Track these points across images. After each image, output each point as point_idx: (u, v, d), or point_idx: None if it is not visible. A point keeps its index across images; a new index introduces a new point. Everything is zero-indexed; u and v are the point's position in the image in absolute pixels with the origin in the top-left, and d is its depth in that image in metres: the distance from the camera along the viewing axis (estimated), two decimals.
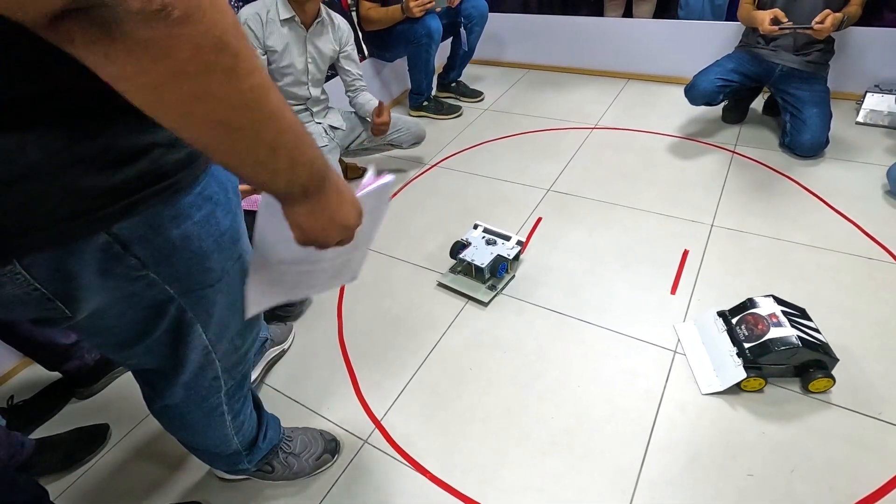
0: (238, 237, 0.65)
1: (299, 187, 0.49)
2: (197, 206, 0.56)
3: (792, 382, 1.20)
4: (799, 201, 1.76)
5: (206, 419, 0.86)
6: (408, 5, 2.13)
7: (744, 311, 1.26)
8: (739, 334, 1.23)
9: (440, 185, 2.12)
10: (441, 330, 1.46)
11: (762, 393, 1.19)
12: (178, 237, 0.55)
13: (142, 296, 0.58)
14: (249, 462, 1.03)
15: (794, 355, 1.15)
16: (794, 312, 1.23)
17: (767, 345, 1.16)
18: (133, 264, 0.53)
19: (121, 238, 0.51)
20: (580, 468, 1.10)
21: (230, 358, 0.79)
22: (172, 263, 0.57)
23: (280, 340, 1.43)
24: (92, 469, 1.23)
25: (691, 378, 1.25)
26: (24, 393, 1.38)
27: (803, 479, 1.04)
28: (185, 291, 0.61)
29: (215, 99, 0.38)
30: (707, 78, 2.01)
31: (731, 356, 1.22)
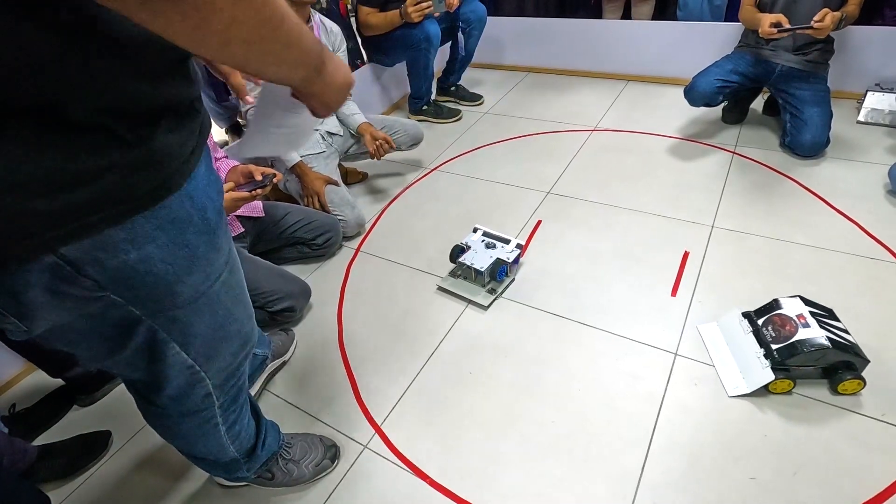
0: (217, 256, 0.63)
1: (313, 70, 0.56)
2: (161, 229, 0.54)
3: (804, 384, 1.19)
4: (800, 201, 1.75)
5: (200, 430, 0.85)
6: (406, 10, 2.14)
7: (770, 311, 1.24)
8: (766, 335, 1.21)
9: (440, 188, 2.12)
10: (441, 334, 1.46)
11: (765, 397, 1.18)
12: (137, 260, 0.53)
13: (105, 315, 0.57)
14: (248, 470, 1.02)
15: (824, 356, 1.13)
16: (822, 313, 1.21)
17: (796, 346, 1.14)
18: (89, 285, 0.52)
19: (70, 260, 0.49)
20: (581, 472, 1.10)
21: (221, 375, 0.78)
22: (133, 286, 0.55)
23: (280, 353, 1.41)
24: (93, 476, 1.23)
25: (692, 381, 1.24)
26: (27, 400, 1.39)
27: (807, 482, 1.03)
28: (152, 313, 0.60)
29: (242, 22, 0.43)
30: (706, 79, 2.01)
31: (758, 358, 1.19)
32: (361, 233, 1.90)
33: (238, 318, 0.74)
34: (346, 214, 1.82)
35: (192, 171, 0.57)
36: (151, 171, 0.51)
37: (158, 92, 0.49)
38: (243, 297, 0.76)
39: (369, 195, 2.14)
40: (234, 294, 0.72)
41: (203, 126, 0.59)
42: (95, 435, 1.28)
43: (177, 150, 0.53)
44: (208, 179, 0.61)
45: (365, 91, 2.59)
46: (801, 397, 1.17)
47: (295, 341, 1.48)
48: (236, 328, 0.74)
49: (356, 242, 1.87)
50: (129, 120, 0.47)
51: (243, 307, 0.76)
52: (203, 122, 0.59)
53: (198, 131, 0.57)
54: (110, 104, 0.46)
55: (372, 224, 1.96)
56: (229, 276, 0.68)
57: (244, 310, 0.76)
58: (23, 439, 1.21)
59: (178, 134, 0.53)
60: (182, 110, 0.54)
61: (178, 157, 0.53)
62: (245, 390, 0.91)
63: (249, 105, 1.63)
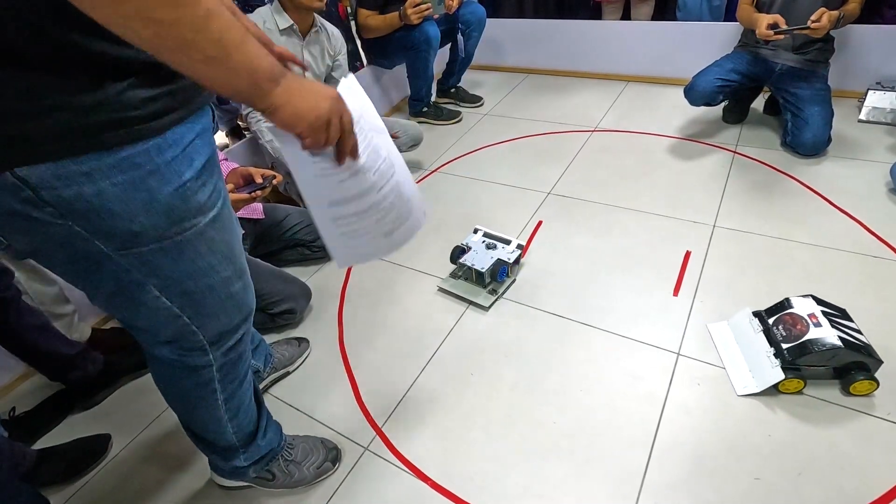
0: (188, 207, 0.66)
1: (264, 79, 0.55)
2: (119, 170, 0.58)
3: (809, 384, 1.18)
4: (802, 200, 1.74)
5: (198, 392, 0.87)
6: (406, 13, 2.14)
7: (781, 311, 1.23)
8: (777, 335, 1.20)
9: (440, 190, 2.12)
10: (442, 335, 1.45)
11: (768, 396, 1.17)
12: (92, 194, 0.58)
13: (75, 246, 0.62)
14: (246, 460, 1.02)
15: (835, 356, 1.12)
16: (835, 313, 1.20)
17: (807, 345, 1.13)
18: (50, 212, 0.58)
19: (28, 182, 0.55)
20: (583, 473, 1.09)
21: (215, 333, 0.80)
22: (90, 219, 0.60)
23: (283, 365, 1.39)
24: (93, 479, 1.22)
25: (695, 380, 1.23)
26: (26, 404, 1.38)
27: (811, 482, 1.02)
28: (116, 249, 0.64)
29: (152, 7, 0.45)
30: (706, 78, 2.01)
31: (768, 357, 1.19)
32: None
33: (225, 276, 0.76)
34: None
35: (167, 130, 0.61)
36: (107, 117, 0.56)
37: (121, 52, 0.54)
38: (232, 258, 0.77)
39: None
40: (220, 251, 0.74)
41: (188, 95, 0.63)
42: (95, 438, 1.27)
43: (141, 105, 0.57)
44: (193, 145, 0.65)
45: (365, 93, 2.58)
46: (805, 397, 1.16)
47: (306, 354, 1.45)
48: (222, 283, 0.76)
49: None
50: (90, 70, 0.54)
51: (234, 269, 0.78)
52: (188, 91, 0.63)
53: (180, 97, 0.62)
54: (71, 56, 0.52)
55: None
56: (213, 232, 0.71)
57: (234, 270, 0.78)
58: (22, 443, 1.21)
59: (144, 91, 0.58)
60: (155, 73, 0.59)
61: (142, 111, 0.58)
62: (246, 364, 0.92)
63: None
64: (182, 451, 1.24)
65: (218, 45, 0.50)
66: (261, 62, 0.54)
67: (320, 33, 1.79)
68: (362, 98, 0.74)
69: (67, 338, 1.34)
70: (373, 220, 0.75)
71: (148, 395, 1.40)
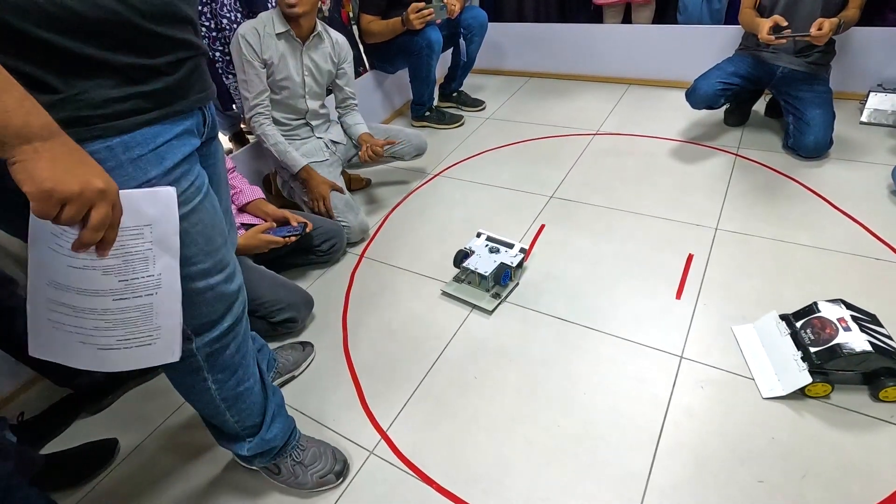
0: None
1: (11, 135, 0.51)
2: None
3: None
4: (804, 203, 1.75)
5: (189, 380, 0.90)
6: (408, 18, 2.16)
7: (809, 314, 1.23)
8: (805, 338, 1.19)
9: (443, 194, 2.13)
10: (445, 339, 1.46)
11: (772, 401, 1.18)
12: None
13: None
14: (250, 451, 1.03)
15: (864, 361, 1.11)
16: (865, 318, 1.19)
17: (835, 349, 1.12)
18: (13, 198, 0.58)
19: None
20: (587, 476, 1.09)
21: (194, 318, 0.81)
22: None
23: (288, 370, 1.40)
24: (100, 485, 1.23)
25: (698, 383, 1.24)
26: (33, 409, 1.39)
27: (816, 485, 1.02)
28: None
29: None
30: (708, 81, 2.01)
31: (795, 360, 1.18)
32: (365, 239, 1.91)
33: (202, 268, 0.78)
34: (350, 221, 1.83)
35: (134, 130, 0.65)
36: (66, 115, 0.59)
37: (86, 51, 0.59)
38: (211, 251, 0.79)
39: (372, 202, 2.15)
40: (196, 244, 0.76)
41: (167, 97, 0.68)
42: (102, 443, 1.28)
43: (104, 104, 0.62)
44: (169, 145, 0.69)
45: (367, 98, 2.60)
46: (810, 401, 1.17)
47: (311, 358, 1.46)
48: (200, 275, 0.78)
49: (360, 248, 1.88)
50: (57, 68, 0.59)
51: (213, 261, 0.80)
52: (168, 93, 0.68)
53: (156, 99, 0.67)
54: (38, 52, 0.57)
55: (375, 230, 1.97)
56: (186, 225, 0.73)
57: (214, 263, 0.80)
58: (31, 447, 1.22)
59: (111, 91, 0.62)
60: (128, 75, 0.64)
61: (105, 110, 0.62)
62: (240, 357, 0.93)
63: None
64: (189, 454, 1.25)
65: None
66: (10, 118, 0.51)
67: (322, 38, 1.80)
68: (167, 213, 0.67)
69: None
70: (90, 326, 0.68)
71: (154, 399, 1.41)
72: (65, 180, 0.54)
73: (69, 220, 0.56)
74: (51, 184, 0.54)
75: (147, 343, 0.72)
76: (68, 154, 0.56)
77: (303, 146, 1.89)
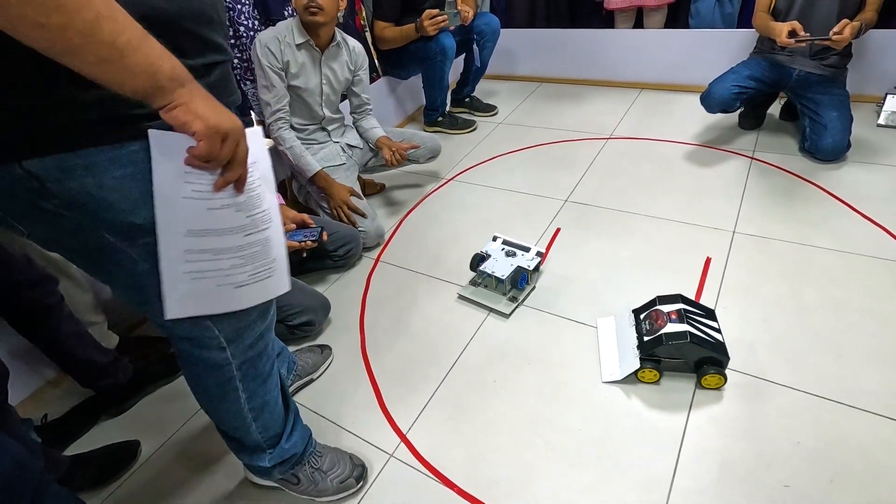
0: None
1: (165, 79, 0.55)
2: (119, 164, 0.61)
3: (829, 390, 1.17)
4: (822, 205, 1.73)
5: (220, 389, 0.89)
6: (422, 24, 2.17)
7: (650, 307, 1.33)
8: (643, 328, 1.30)
9: (457, 198, 2.13)
10: (463, 343, 1.46)
11: (796, 402, 1.17)
12: (94, 186, 0.60)
13: (84, 236, 0.65)
14: (271, 461, 1.03)
15: (682, 349, 1.20)
16: (698, 312, 1.28)
17: (661, 338, 1.22)
18: (56, 203, 0.60)
19: (35, 174, 0.58)
20: (610, 480, 1.09)
21: (231, 329, 0.81)
22: (94, 211, 0.62)
23: (307, 372, 1.41)
24: (122, 487, 1.24)
25: (721, 387, 1.23)
26: (56, 410, 1.41)
27: (843, 489, 1.01)
28: (123, 240, 0.66)
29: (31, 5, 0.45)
30: (723, 85, 2.01)
31: (633, 348, 1.28)
32: (381, 243, 1.92)
33: None
34: (366, 226, 1.84)
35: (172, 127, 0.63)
36: (107, 113, 0.58)
37: None
38: None
39: (388, 206, 2.16)
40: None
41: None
42: (125, 445, 1.29)
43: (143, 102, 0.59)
44: None
45: (380, 103, 2.62)
46: (835, 403, 1.15)
47: (329, 360, 1.47)
48: None
49: (376, 253, 1.89)
50: None
51: None
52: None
53: None
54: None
55: (391, 234, 1.97)
56: None
57: None
58: (53, 449, 1.23)
59: None
60: None
61: (146, 109, 0.59)
62: (269, 363, 0.93)
63: None
64: (209, 456, 1.26)
65: (111, 47, 0.51)
66: (162, 63, 0.55)
67: (341, 47, 1.82)
68: (262, 151, 0.72)
69: (102, 346, 1.37)
70: (227, 266, 0.70)
71: (175, 402, 1.42)
72: (220, 117, 0.59)
73: (227, 154, 0.60)
74: (214, 120, 0.58)
75: (268, 276, 0.75)
76: (208, 95, 0.59)
77: (320, 151, 1.91)
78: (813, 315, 1.36)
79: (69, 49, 0.50)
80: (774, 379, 1.22)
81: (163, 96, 0.56)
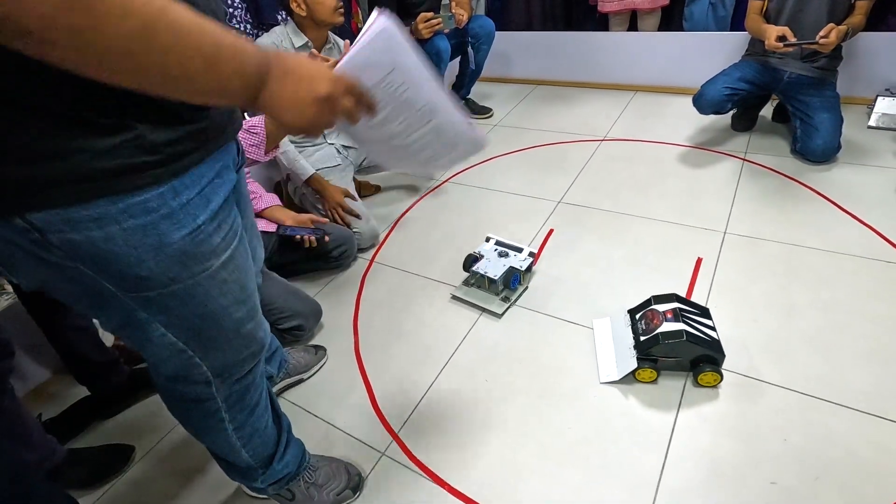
0: (201, 252, 0.65)
1: (254, 77, 0.52)
2: (130, 214, 0.57)
3: (820, 389, 1.19)
4: (813, 206, 1.75)
5: (205, 422, 0.87)
6: (416, 27, 2.19)
7: (645, 307, 1.34)
8: (639, 328, 1.31)
9: (452, 200, 2.15)
10: (456, 342, 1.47)
11: (784, 400, 1.18)
12: (101, 239, 0.56)
13: (84, 283, 0.61)
14: (264, 482, 1.01)
15: (679, 347, 1.21)
16: (693, 311, 1.29)
17: (657, 337, 1.23)
18: (59, 255, 0.57)
19: (37, 227, 0.54)
20: (598, 479, 1.10)
21: (220, 366, 0.79)
22: (98, 262, 0.59)
23: (298, 372, 1.41)
24: (112, 489, 1.24)
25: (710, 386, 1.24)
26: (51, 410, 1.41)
27: (829, 487, 1.02)
28: (123, 290, 0.63)
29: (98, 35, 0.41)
30: (715, 87, 2.03)
31: (629, 348, 1.29)
32: (376, 244, 1.93)
33: (236, 318, 0.75)
34: (361, 227, 1.85)
35: (186, 171, 0.60)
36: (122, 162, 0.54)
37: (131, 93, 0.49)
38: (245, 299, 0.76)
39: (383, 207, 2.17)
40: (232, 293, 0.72)
41: (210, 134, 0.63)
42: (120, 447, 1.29)
43: (160, 148, 0.56)
44: (212, 185, 0.64)
45: None
46: (822, 401, 1.16)
47: (322, 362, 1.47)
48: (233, 324, 0.75)
49: (370, 254, 1.90)
50: (106, 111, 0.52)
51: (246, 309, 0.76)
52: (211, 130, 0.63)
53: (201, 137, 0.61)
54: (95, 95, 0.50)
55: (386, 235, 1.99)
56: (225, 273, 0.69)
57: (247, 311, 0.77)
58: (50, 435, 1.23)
59: (164, 133, 0.56)
60: (177, 114, 0.57)
61: (161, 155, 0.56)
62: (258, 393, 0.91)
63: None
64: (201, 461, 1.26)
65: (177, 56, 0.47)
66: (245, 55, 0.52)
67: (334, 49, 1.84)
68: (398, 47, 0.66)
69: (103, 346, 1.38)
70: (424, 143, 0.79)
71: None
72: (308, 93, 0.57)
73: (348, 106, 0.62)
74: (319, 91, 0.57)
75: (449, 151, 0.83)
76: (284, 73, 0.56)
77: (316, 153, 1.92)
78: (802, 315, 1.37)
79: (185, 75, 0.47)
80: (763, 378, 1.24)
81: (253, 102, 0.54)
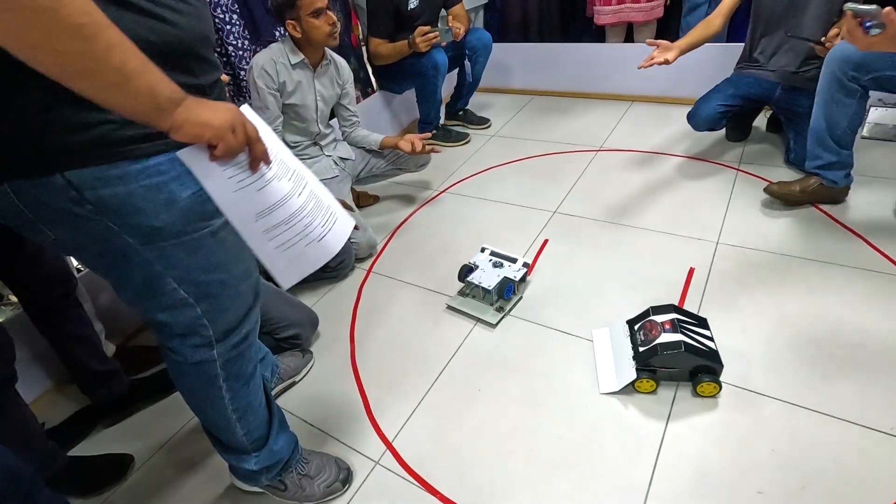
0: (205, 210, 0.75)
1: (165, 101, 0.61)
2: (146, 175, 0.69)
3: (806, 398, 1.20)
4: (805, 217, 1.76)
5: (204, 389, 0.94)
6: (414, 41, 2.23)
7: (644, 318, 1.35)
8: (637, 339, 1.32)
9: (448, 210, 2.17)
10: (450, 352, 1.49)
11: (772, 409, 1.19)
12: (125, 193, 0.69)
13: (107, 240, 0.72)
14: (257, 464, 1.06)
15: (678, 358, 1.22)
16: (691, 321, 1.31)
17: (656, 348, 1.24)
18: (89, 209, 0.68)
19: (73, 183, 0.66)
20: (588, 487, 1.11)
21: (222, 323, 0.87)
22: (121, 215, 0.70)
23: (289, 375, 1.44)
24: (112, 497, 1.27)
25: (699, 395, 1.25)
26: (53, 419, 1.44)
27: (816, 496, 1.03)
28: (143, 242, 0.74)
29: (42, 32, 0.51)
30: (709, 105, 2.05)
31: (629, 359, 1.30)
32: (373, 254, 1.96)
33: (235, 273, 0.85)
34: (359, 237, 1.88)
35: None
36: (136, 132, 0.66)
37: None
38: (243, 257, 0.86)
39: (381, 217, 2.20)
40: (231, 251, 0.83)
41: None
42: (118, 457, 1.31)
43: None
44: None
45: (375, 117, 2.68)
46: (809, 411, 1.18)
47: (310, 364, 1.51)
48: (233, 280, 0.85)
49: (368, 264, 1.92)
50: None
51: (243, 268, 0.87)
52: None
53: None
54: None
55: (383, 246, 2.01)
56: (224, 233, 0.79)
57: (243, 270, 0.87)
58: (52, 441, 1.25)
59: None
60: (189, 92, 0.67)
61: None
62: (251, 366, 0.98)
63: None
64: (200, 471, 1.29)
65: (119, 73, 0.56)
66: (162, 86, 0.61)
67: (330, 65, 1.88)
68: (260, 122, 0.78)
69: (104, 355, 1.41)
70: (301, 226, 0.79)
71: (168, 417, 1.44)
72: (220, 115, 0.66)
73: (242, 139, 0.69)
74: (218, 120, 0.66)
75: (334, 220, 0.84)
76: (201, 101, 0.66)
77: (313, 165, 1.95)
78: (791, 324, 1.38)
79: (83, 73, 0.55)
80: (751, 387, 1.25)
81: (163, 118, 0.62)
